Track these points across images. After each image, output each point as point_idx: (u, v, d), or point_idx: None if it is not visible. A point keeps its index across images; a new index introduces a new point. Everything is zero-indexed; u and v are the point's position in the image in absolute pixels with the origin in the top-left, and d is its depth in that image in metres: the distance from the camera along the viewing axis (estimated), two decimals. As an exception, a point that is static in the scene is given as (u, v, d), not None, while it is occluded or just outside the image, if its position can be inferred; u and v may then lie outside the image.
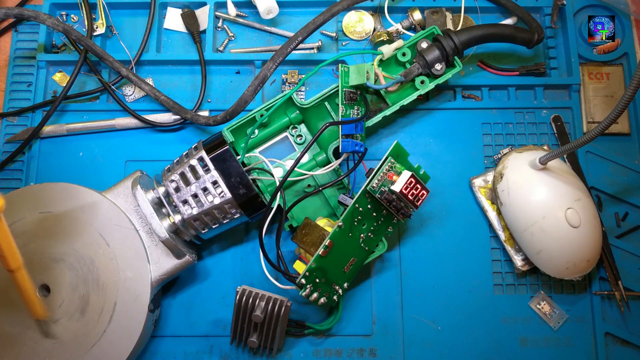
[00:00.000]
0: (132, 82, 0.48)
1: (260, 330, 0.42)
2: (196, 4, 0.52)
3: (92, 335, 0.40)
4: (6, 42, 0.52)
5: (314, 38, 0.52)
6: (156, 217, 0.41)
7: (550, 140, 0.49)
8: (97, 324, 0.40)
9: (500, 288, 0.46)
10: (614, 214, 0.48)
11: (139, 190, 0.41)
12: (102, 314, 0.40)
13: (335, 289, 0.41)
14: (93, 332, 0.40)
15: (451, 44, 0.45)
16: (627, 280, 0.46)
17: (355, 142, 0.42)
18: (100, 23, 0.51)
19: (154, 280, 0.41)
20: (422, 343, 0.45)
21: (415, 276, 0.46)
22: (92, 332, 0.40)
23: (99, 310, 0.40)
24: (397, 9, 0.52)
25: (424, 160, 0.49)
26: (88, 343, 0.40)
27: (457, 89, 0.50)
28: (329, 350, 0.45)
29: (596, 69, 0.51)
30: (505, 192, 0.45)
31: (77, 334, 0.40)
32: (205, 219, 0.41)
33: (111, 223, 0.41)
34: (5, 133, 0.49)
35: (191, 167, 0.41)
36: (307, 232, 0.42)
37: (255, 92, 0.44)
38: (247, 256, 0.47)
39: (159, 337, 0.45)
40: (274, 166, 0.45)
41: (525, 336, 0.45)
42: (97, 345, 0.40)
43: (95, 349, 0.40)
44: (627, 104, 0.35)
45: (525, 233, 0.43)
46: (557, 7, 0.51)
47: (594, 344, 0.45)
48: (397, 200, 0.40)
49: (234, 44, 0.52)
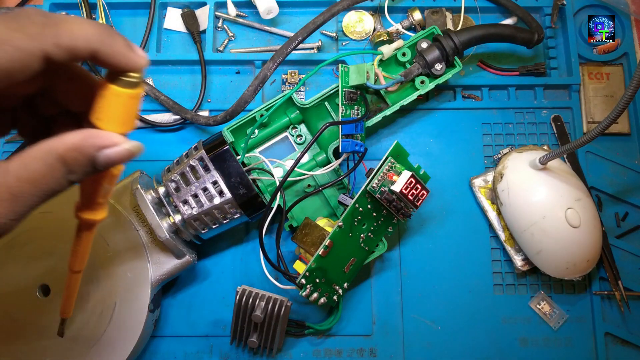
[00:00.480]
0: (132, 82, 0.48)
1: (260, 330, 0.42)
2: (196, 4, 0.52)
3: (92, 335, 0.40)
4: (6, 42, 0.52)
5: (314, 38, 0.52)
6: (156, 217, 0.41)
7: (550, 140, 0.49)
8: (97, 324, 0.40)
9: (500, 288, 0.46)
10: (614, 214, 0.48)
11: (139, 190, 0.41)
12: (102, 314, 0.40)
13: (335, 289, 0.41)
14: (93, 332, 0.40)
15: (451, 44, 0.45)
16: (627, 280, 0.46)
17: (355, 142, 0.42)
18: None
19: (154, 280, 0.41)
20: (422, 343, 0.45)
21: (415, 276, 0.46)
22: (92, 332, 0.40)
23: (99, 311, 0.40)
24: (397, 9, 0.52)
25: (424, 160, 0.49)
26: (88, 343, 0.40)
27: (457, 89, 0.50)
28: (329, 350, 0.45)
29: (596, 69, 0.51)
30: (505, 192, 0.45)
31: (77, 334, 0.40)
32: (205, 219, 0.41)
33: (111, 223, 0.41)
34: (5, 133, 0.49)
35: (191, 167, 0.41)
36: (307, 232, 0.42)
37: (255, 92, 0.44)
38: (247, 256, 0.47)
39: (159, 337, 0.45)
40: (274, 166, 0.45)
41: (525, 336, 0.45)
42: (97, 345, 0.40)
43: (95, 349, 0.40)
44: (627, 104, 0.35)
45: (525, 233, 0.43)
46: (557, 7, 0.51)
47: (594, 344, 0.45)
48: (397, 200, 0.40)
49: (234, 44, 0.52)
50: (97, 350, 0.40)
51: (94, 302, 0.41)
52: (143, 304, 0.40)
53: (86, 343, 0.40)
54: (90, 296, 0.41)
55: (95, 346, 0.40)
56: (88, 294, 0.40)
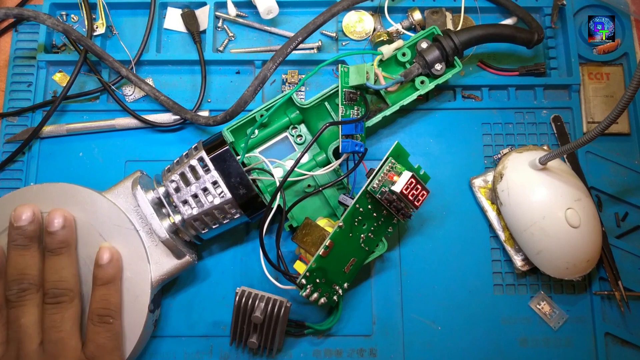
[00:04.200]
0: (132, 82, 0.48)
1: (259, 331, 0.42)
2: (196, 4, 0.52)
3: (92, 336, 0.40)
4: (6, 42, 0.52)
5: (314, 38, 0.52)
6: (156, 217, 0.41)
7: (550, 140, 0.49)
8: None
9: (500, 288, 0.46)
10: (614, 214, 0.48)
11: (139, 191, 0.41)
12: (102, 314, 0.40)
13: (336, 289, 0.41)
14: (93, 332, 0.40)
15: (451, 44, 0.45)
16: (627, 280, 0.46)
17: (355, 142, 0.42)
18: (100, 23, 0.51)
19: (154, 281, 0.41)
20: (422, 343, 0.45)
21: (415, 276, 0.46)
22: (92, 332, 0.40)
23: (99, 311, 0.40)
24: (397, 9, 0.52)
25: (424, 160, 0.49)
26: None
27: (457, 89, 0.50)
28: (329, 350, 0.45)
29: (596, 69, 0.51)
30: (505, 192, 0.45)
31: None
32: (205, 219, 0.41)
33: (111, 223, 0.41)
34: (5, 133, 0.49)
35: (191, 167, 0.41)
36: (307, 232, 0.42)
37: (255, 92, 0.44)
38: (247, 256, 0.47)
39: (159, 337, 0.45)
40: (274, 166, 0.45)
41: (525, 336, 0.45)
42: (97, 345, 0.40)
43: (95, 349, 0.40)
44: (627, 104, 0.35)
45: (525, 233, 0.43)
46: (557, 7, 0.51)
47: (594, 344, 0.45)
48: (398, 201, 0.40)
49: (234, 44, 0.52)
50: (97, 351, 0.40)
51: (94, 302, 0.41)
52: (143, 304, 0.40)
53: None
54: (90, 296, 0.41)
55: (95, 346, 0.40)
56: (88, 294, 0.40)
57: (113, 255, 0.39)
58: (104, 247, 0.40)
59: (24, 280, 0.38)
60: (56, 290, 0.38)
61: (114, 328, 0.39)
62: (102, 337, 0.38)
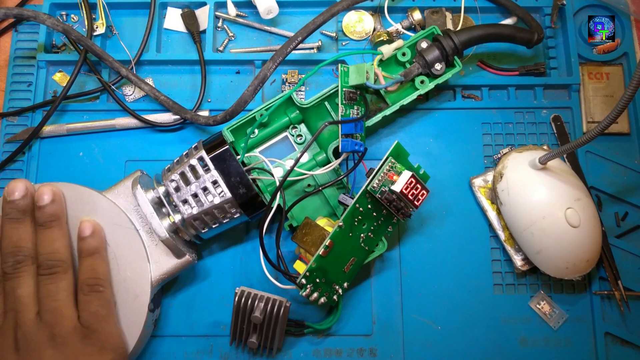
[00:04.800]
0: (132, 82, 0.48)
1: (259, 330, 0.42)
2: (196, 4, 0.52)
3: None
4: (6, 42, 0.52)
5: (314, 38, 0.52)
6: (156, 217, 0.41)
7: (550, 140, 0.49)
8: (97, 324, 0.40)
9: (500, 288, 0.46)
10: (613, 213, 0.48)
11: (139, 190, 0.41)
12: (102, 314, 0.40)
13: (335, 289, 0.41)
14: (93, 331, 0.40)
15: (451, 44, 0.45)
16: (627, 280, 0.46)
17: (355, 142, 0.42)
18: (100, 23, 0.51)
19: (154, 280, 0.41)
20: (422, 343, 0.45)
21: (415, 276, 0.46)
22: (92, 332, 0.40)
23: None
24: (397, 9, 0.52)
25: (424, 160, 0.49)
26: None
27: (457, 89, 0.50)
28: (329, 350, 0.45)
29: (596, 69, 0.51)
30: (505, 192, 0.45)
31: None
32: (205, 219, 0.41)
33: (111, 223, 0.41)
34: (5, 133, 0.49)
35: (191, 167, 0.41)
36: (307, 232, 0.42)
37: (255, 92, 0.44)
38: (247, 256, 0.47)
39: (159, 337, 0.45)
40: (274, 166, 0.45)
41: (525, 336, 0.45)
42: (97, 345, 0.40)
43: (95, 349, 0.40)
44: (626, 103, 0.35)
45: (525, 233, 0.43)
46: (557, 7, 0.51)
47: (593, 344, 0.45)
48: (397, 200, 0.40)
49: (234, 44, 0.52)
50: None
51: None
52: (143, 304, 0.40)
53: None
54: (90, 296, 0.41)
55: (95, 346, 0.40)
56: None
57: (95, 227, 0.40)
58: (85, 220, 0.41)
59: (19, 252, 0.38)
60: (50, 261, 0.39)
61: (104, 296, 0.39)
62: (95, 305, 0.38)
